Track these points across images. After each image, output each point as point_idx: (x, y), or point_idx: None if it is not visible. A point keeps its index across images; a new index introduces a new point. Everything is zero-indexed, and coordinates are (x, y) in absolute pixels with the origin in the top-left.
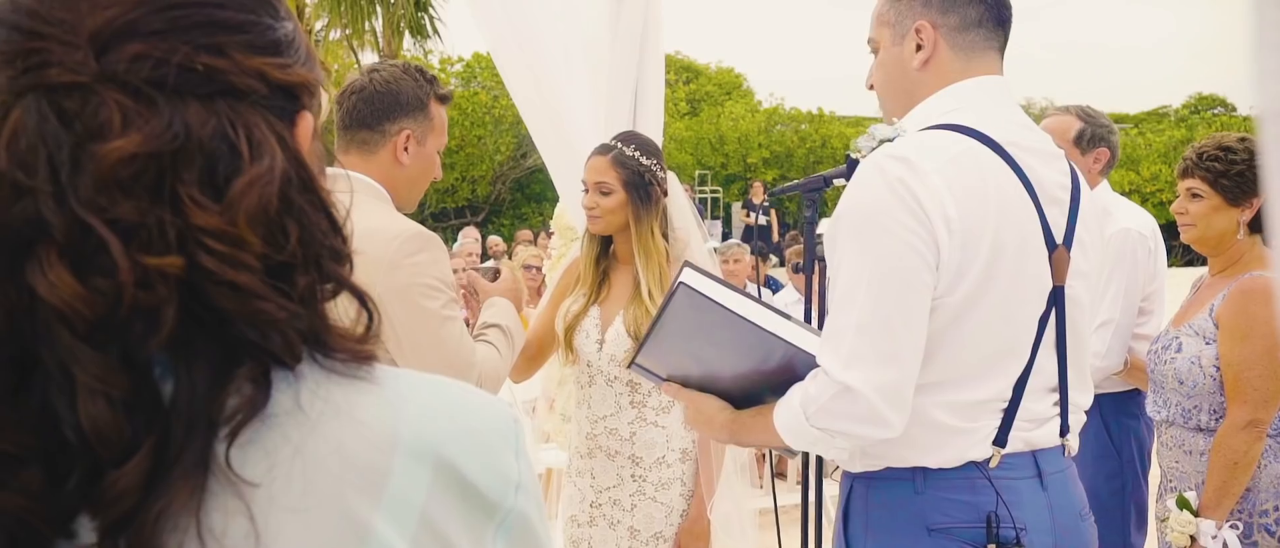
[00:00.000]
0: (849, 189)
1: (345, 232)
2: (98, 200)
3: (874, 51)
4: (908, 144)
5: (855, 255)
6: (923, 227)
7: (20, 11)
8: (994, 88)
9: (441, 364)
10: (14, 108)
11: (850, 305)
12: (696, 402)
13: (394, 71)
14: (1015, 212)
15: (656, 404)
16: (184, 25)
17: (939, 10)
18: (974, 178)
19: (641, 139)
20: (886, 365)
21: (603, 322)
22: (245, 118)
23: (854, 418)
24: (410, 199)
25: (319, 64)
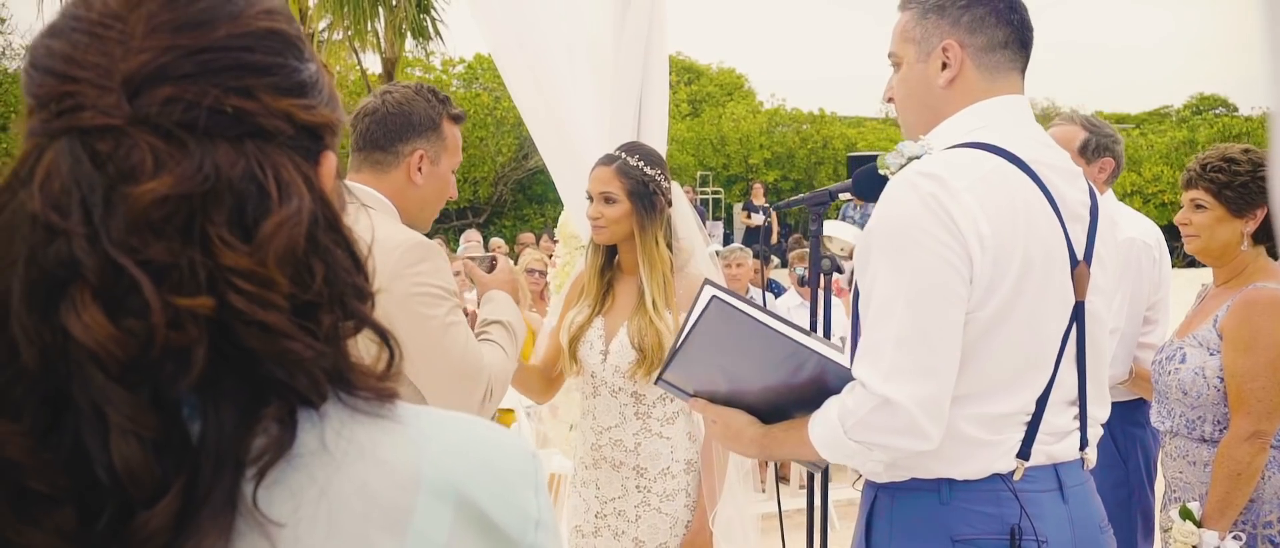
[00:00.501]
0: (881, 206)
1: (367, 269)
2: (130, 241)
3: (895, 66)
4: (938, 162)
5: (891, 270)
6: (957, 242)
7: (54, 56)
8: (1017, 107)
9: (449, 371)
10: (47, 150)
11: (888, 319)
12: (724, 417)
13: (407, 93)
14: (1042, 228)
15: (661, 415)
16: (214, 68)
17: (967, 30)
18: (1003, 196)
19: (645, 149)
20: (926, 379)
21: (607, 333)
22: (273, 159)
23: (893, 431)
24: (424, 219)
25: (340, 104)
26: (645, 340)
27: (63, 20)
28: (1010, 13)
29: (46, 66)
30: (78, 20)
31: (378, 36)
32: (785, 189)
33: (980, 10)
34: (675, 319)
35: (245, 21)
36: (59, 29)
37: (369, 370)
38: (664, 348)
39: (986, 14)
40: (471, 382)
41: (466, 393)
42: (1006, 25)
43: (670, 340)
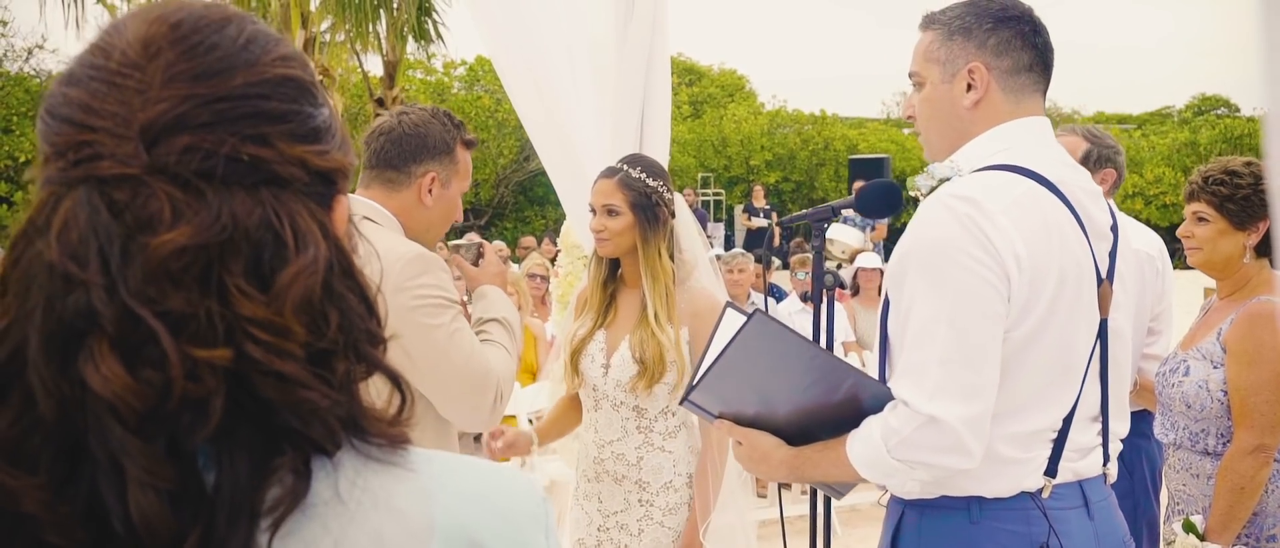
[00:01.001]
0: (915, 227)
1: (380, 314)
2: (147, 291)
3: (918, 85)
4: (973, 184)
5: (931, 291)
6: (996, 262)
7: (72, 105)
8: (1040, 128)
9: (457, 379)
10: (65, 199)
11: (931, 340)
12: (752, 439)
13: (423, 115)
14: (1073, 249)
15: (663, 429)
16: (231, 117)
17: (993, 53)
18: (1036, 217)
19: (647, 161)
20: (971, 398)
21: (609, 346)
22: (288, 206)
23: (939, 449)
24: (429, 239)
25: (351, 147)
26: (646, 353)
27: (80, 68)
28: (1034, 36)
29: (64, 115)
30: (96, 69)
31: (379, 39)
32: (786, 190)
33: (1006, 33)
34: (676, 332)
35: (261, 69)
36: (76, 77)
37: (381, 415)
38: (665, 361)
39: (1012, 37)
40: (481, 388)
41: (477, 400)
42: (1031, 48)
43: (671, 353)
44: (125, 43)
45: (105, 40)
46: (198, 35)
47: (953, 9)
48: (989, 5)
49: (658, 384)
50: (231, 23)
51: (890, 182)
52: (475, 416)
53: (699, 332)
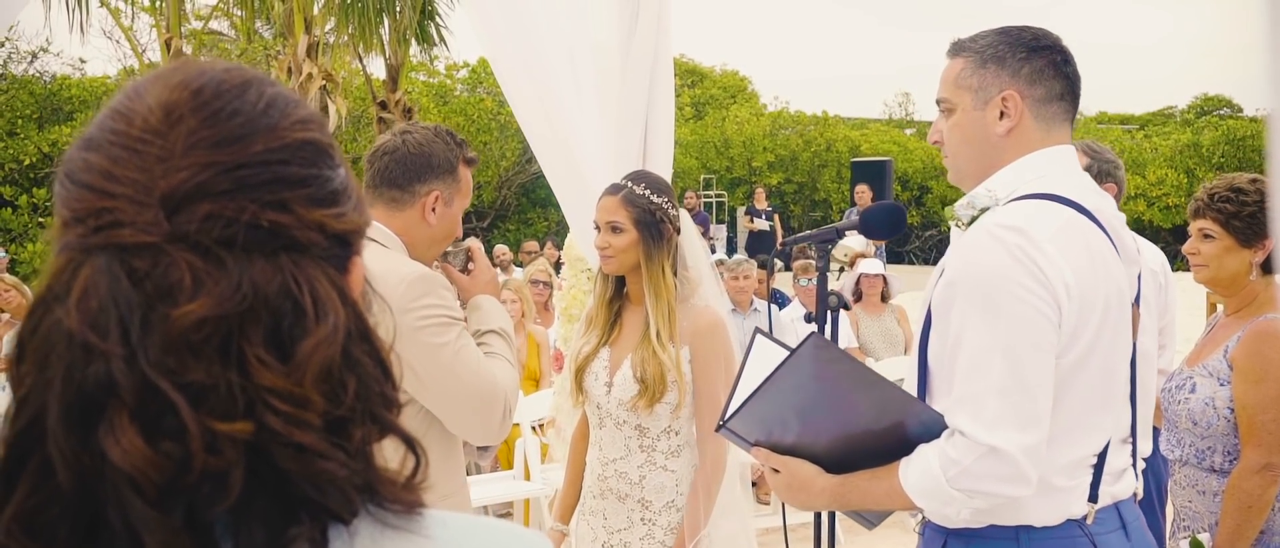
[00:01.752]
0: (964, 256)
1: (395, 376)
2: (167, 362)
3: (946, 111)
4: (1017, 214)
5: (984, 322)
6: (1047, 292)
7: (92, 171)
8: (1069, 157)
9: (465, 396)
10: (84, 266)
11: (986, 370)
12: (790, 467)
13: (426, 134)
14: (1114, 275)
15: (665, 448)
16: (251, 184)
17: (1027, 81)
18: (1080, 245)
19: (652, 178)
20: (1029, 427)
21: (612, 364)
22: (307, 272)
23: (1000, 479)
24: (430, 256)
25: (366, 206)
26: (647, 372)
27: (100, 133)
28: (1065, 65)
29: (84, 181)
30: (116, 134)
31: (382, 42)
32: (789, 192)
33: (1039, 62)
34: (677, 351)
35: (281, 134)
36: (96, 142)
37: (396, 479)
38: (665, 381)
39: (1045, 66)
40: (489, 403)
41: (486, 415)
42: (1063, 78)
43: (671, 373)
44: (146, 109)
45: (126, 105)
46: (219, 101)
47: (984, 37)
48: (1021, 34)
49: (658, 404)
50: (252, 86)
51: (894, 204)
52: (485, 430)
53: (700, 351)
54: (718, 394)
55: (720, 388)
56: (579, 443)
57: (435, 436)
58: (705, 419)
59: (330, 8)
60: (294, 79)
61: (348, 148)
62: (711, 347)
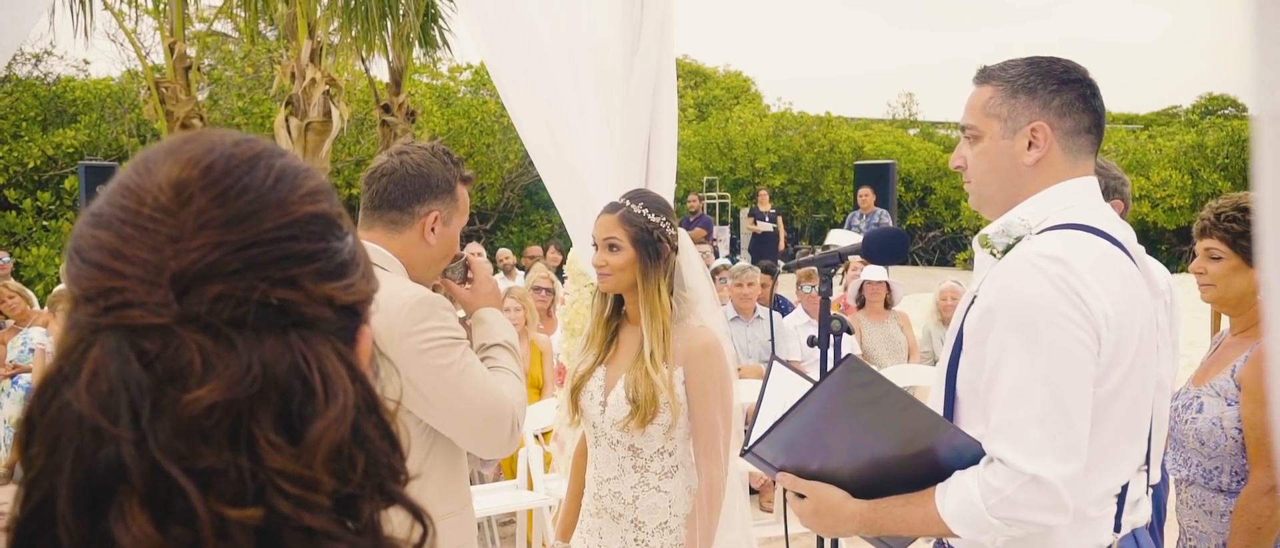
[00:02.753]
0: (1004, 283)
1: (403, 448)
2: (177, 447)
3: (972, 138)
4: (1056, 244)
5: (1026, 351)
6: (1089, 322)
7: (103, 249)
8: (1092, 188)
9: (474, 414)
10: (94, 346)
11: (1028, 399)
12: (817, 492)
13: (423, 154)
14: (1146, 307)
15: (659, 469)
16: (261, 262)
17: (1057, 113)
18: (1117, 276)
19: (651, 196)
20: (1070, 456)
21: (607, 383)
22: (316, 349)
23: (1041, 507)
24: (429, 276)
25: (373, 272)
26: (639, 392)
27: (110, 209)
28: (1093, 98)
29: (94, 260)
30: (126, 211)
31: (386, 44)
32: (792, 193)
33: (1070, 95)
34: (670, 372)
35: (290, 209)
36: (106, 219)
37: (402, 545)
38: (657, 401)
39: (1075, 99)
40: (497, 419)
41: (495, 431)
42: (1090, 111)
43: (663, 394)
44: (156, 186)
45: (136, 182)
46: (229, 178)
47: (1013, 66)
48: (1052, 66)
49: (650, 424)
50: (261, 160)
51: (897, 229)
52: (494, 445)
53: (695, 372)
54: (713, 416)
55: (716, 409)
56: (580, 460)
57: (439, 453)
58: (701, 441)
59: (334, 9)
60: (298, 84)
61: (351, 151)
62: (707, 368)
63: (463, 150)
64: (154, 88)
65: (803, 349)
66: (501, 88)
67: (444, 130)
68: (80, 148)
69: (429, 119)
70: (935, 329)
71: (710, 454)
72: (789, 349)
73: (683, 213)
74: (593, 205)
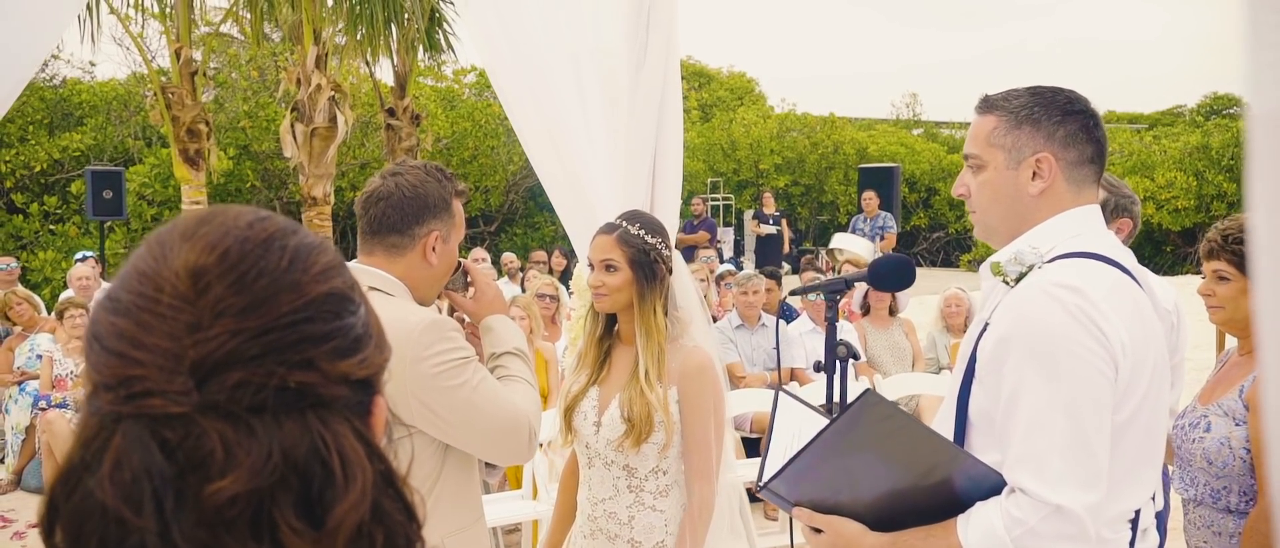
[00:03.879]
0: (1019, 312)
1: (419, 518)
2: (200, 536)
3: (975, 168)
4: (1070, 272)
5: (1044, 380)
6: (1106, 351)
7: (122, 337)
8: (1096, 217)
9: (490, 429)
10: (115, 434)
11: (1048, 429)
12: (835, 526)
13: (417, 174)
14: (1157, 334)
15: (654, 488)
16: (279, 347)
17: (1061, 144)
18: (1130, 304)
19: (647, 218)
20: (1092, 485)
21: (600, 403)
22: (334, 429)
23: (1065, 537)
24: (431, 294)
25: (387, 341)
26: (634, 411)
27: (128, 297)
28: (1095, 129)
29: (114, 348)
30: (144, 299)
31: (391, 50)
32: (795, 194)
33: (1073, 126)
34: (665, 392)
35: (305, 289)
36: (124, 307)
37: None
38: (652, 421)
39: (1078, 130)
40: (514, 430)
41: (513, 442)
42: (1093, 142)
43: (659, 414)
44: (174, 274)
45: (153, 268)
46: (244, 263)
47: (1016, 96)
48: (1056, 97)
49: (645, 443)
50: (274, 241)
51: (904, 257)
52: (514, 455)
53: (689, 391)
54: (706, 435)
55: (709, 429)
56: (568, 481)
57: (452, 467)
58: (694, 460)
59: (339, 13)
60: (303, 90)
61: (355, 154)
62: (700, 387)
63: (467, 153)
64: (160, 93)
65: (808, 357)
66: (506, 101)
67: (448, 133)
68: (86, 151)
69: (433, 122)
70: (940, 336)
71: (703, 474)
72: (793, 357)
73: (686, 216)
74: (598, 219)
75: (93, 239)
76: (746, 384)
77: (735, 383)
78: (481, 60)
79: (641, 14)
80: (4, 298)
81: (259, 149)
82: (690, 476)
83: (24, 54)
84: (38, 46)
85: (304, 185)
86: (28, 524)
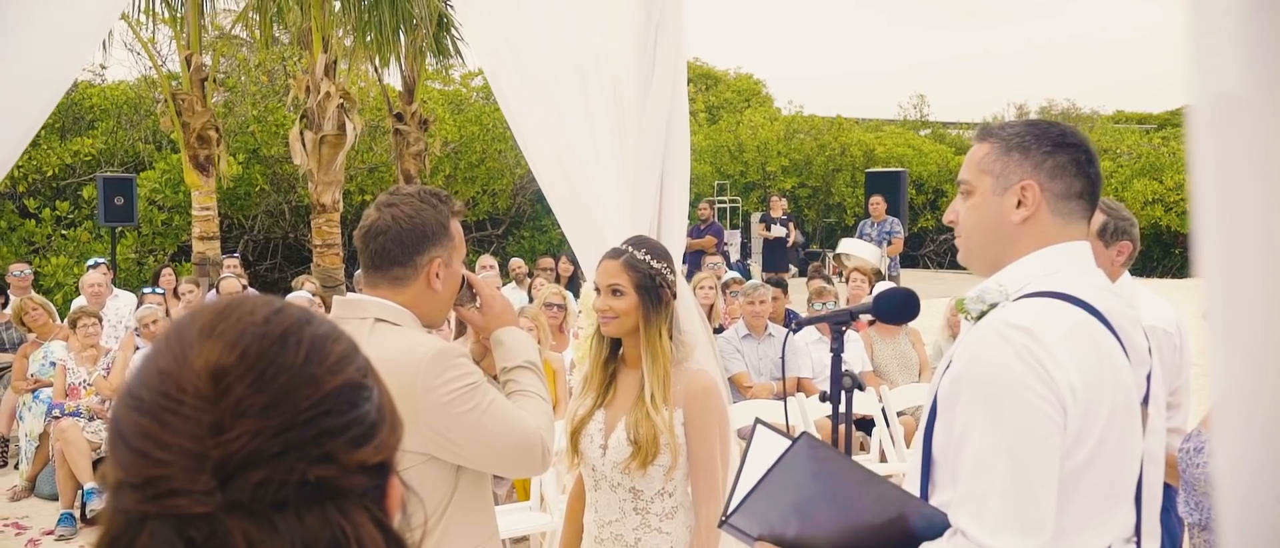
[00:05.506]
0: (971, 352)
1: None
2: None
3: (965, 193)
4: (1026, 314)
5: (989, 421)
6: (1053, 393)
7: (146, 437)
8: (1083, 254)
9: (503, 450)
10: (142, 533)
11: (990, 471)
12: None
13: (412, 203)
14: (1122, 379)
15: (660, 510)
16: (298, 443)
17: (1048, 174)
18: (1089, 348)
19: (652, 243)
20: (1032, 532)
21: (607, 426)
22: (352, 519)
23: None
24: (441, 318)
25: (399, 420)
26: (640, 434)
27: (151, 396)
28: (1088, 164)
29: (138, 448)
30: (167, 399)
31: (400, 56)
32: (803, 196)
33: (1063, 158)
34: (671, 414)
35: (322, 383)
36: (147, 406)
37: None
38: (658, 443)
39: (1068, 163)
40: (526, 449)
41: (526, 459)
42: (1084, 177)
43: (665, 436)
44: (195, 374)
45: (175, 368)
46: (263, 361)
47: (1012, 125)
48: (1049, 128)
49: (651, 465)
50: (290, 336)
51: (909, 290)
52: (528, 471)
53: (694, 414)
54: (712, 457)
55: (715, 451)
56: (575, 505)
57: (465, 486)
58: (700, 483)
59: (347, 21)
60: (312, 98)
61: (364, 158)
62: (705, 409)
63: (475, 156)
64: (170, 100)
65: (814, 366)
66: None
67: (456, 137)
68: (97, 156)
69: (441, 127)
70: (945, 344)
71: (710, 496)
72: (799, 366)
73: (693, 220)
74: (605, 239)
75: (104, 244)
76: (753, 395)
77: (742, 393)
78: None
79: (650, 32)
80: (20, 304)
81: (268, 153)
82: (697, 498)
83: (55, 75)
84: (67, 67)
85: (313, 193)
86: (42, 531)
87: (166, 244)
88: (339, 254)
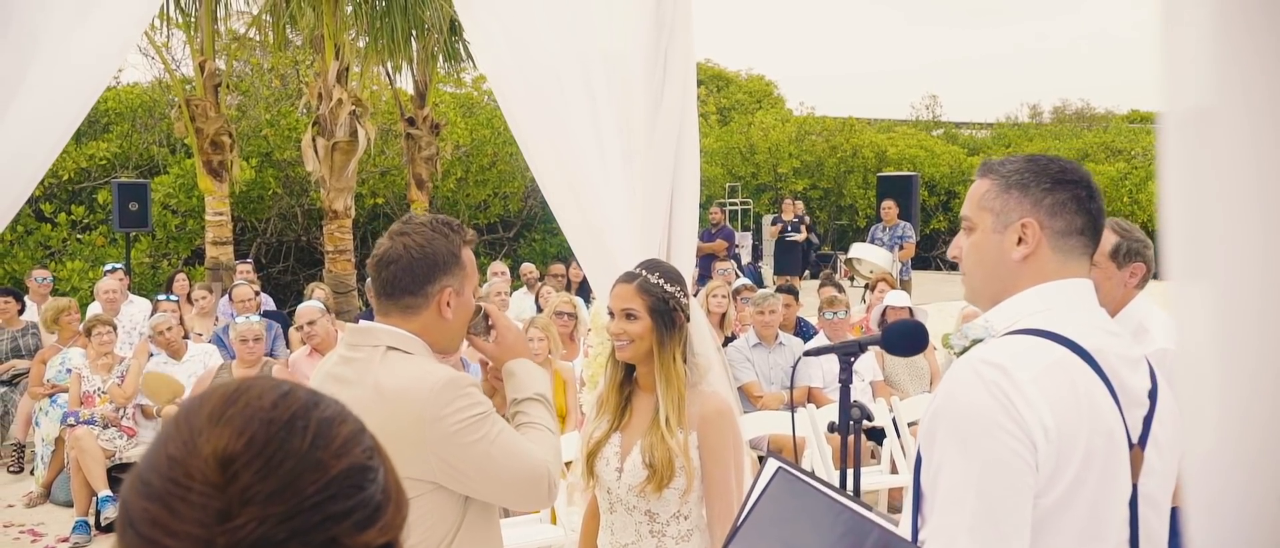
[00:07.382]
0: (947, 389)
1: None
2: None
3: (967, 229)
4: (1003, 350)
5: (959, 457)
6: (1023, 431)
7: (155, 524)
8: (1082, 292)
9: (509, 481)
10: None
11: (959, 507)
12: None
13: (424, 232)
14: (1104, 419)
15: (676, 533)
16: (304, 528)
17: (1047, 212)
18: (1066, 386)
19: (665, 267)
20: None
21: (622, 449)
22: None
23: None
24: (453, 346)
25: (404, 496)
26: (656, 457)
27: (159, 482)
28: (1089, 201)
29: (147, 534)
30: (176, 485)
31: (412, 61)
32: (814, 198)
33: (1063, 195)
34: (686, 437)
35: (327, 467)
36: (156, 492)
37: None
38: (673, 466)
39: (1068, 200)
40: (532, 482)
41: (532, 492)
42: (1085, 214)
43: (680, 459)
44: (203, 461)
45: (183, 455)
46: (270, 447)
47: (1012, 162)
48: (1049, 165)
49: (666, 489)
50: (297, 421)
51: (917, 322)
52: (534, 503)
53: (708, 436)
54: (727, 479)
55: (731, 473)
56: (589, 526)
57: (472, 517)
58: (716, 506)
59: (360, 27)
60: (324, 105)
61: (376, 162)
62: (720, 432)
63: (486, 159)
64: (184, 105)
65: (824, 376)
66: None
67: (467, 140)
68: (112, 159)
69: (453, 130)
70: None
71: (725, 518)
72: (809, 375)
73: (705, 224)
74: (616, 263)
75: (119, 248)
76: (764, 405)
77: (752, 402)
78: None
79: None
80: (58, 306)
81: (281, 157)
82: (712, 520)
83: (78, 96)
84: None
85: (325, 199)
86: (57, 538)
87: (180, 248)
88: (350, 260)
